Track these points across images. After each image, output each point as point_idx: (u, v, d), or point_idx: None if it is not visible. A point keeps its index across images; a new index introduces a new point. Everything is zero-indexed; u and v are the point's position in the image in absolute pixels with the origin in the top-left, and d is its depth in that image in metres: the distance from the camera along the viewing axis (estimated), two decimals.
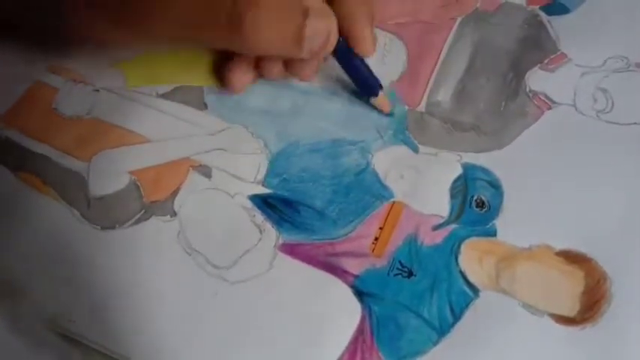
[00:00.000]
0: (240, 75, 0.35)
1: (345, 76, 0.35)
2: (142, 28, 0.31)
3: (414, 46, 0.38)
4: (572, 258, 0.31)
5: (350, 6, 0.32)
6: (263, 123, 0.35)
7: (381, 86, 0.35)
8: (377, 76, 0.35)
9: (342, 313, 0.30)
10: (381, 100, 0.35)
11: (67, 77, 0.37)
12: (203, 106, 0.36)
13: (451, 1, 0.39)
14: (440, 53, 0.37)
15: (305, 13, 0.30)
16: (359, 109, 0.36)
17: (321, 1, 0.31)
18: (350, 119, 0.35)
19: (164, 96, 0.36)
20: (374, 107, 0.35)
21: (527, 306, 0.30)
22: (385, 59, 0.37)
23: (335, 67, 0.35)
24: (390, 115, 0.35)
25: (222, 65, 0.36)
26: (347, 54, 0.34)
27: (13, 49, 0.38)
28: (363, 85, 0.35)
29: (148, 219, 0.32)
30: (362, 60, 0.34)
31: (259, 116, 0.36)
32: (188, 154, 0.34)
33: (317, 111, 0.36)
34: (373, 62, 0.35)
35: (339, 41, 0.32)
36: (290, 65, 0.35)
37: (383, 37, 0.38)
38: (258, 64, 0.35)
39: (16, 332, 0.30)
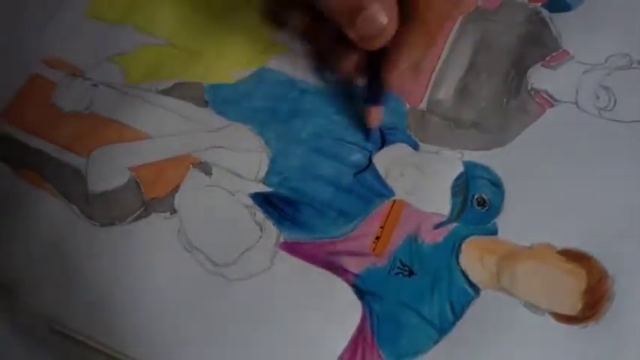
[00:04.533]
0: None
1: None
2: None
3: None
4: (573, 256, 0.31)
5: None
6: (264, 121, 0.35)
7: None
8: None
9: (342, 311, 0.30)
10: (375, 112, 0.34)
11: (65, 71, 0.37)
12: (204, 103, 0.36)
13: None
14: (441, 52, 0.37)
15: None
16: (360, 109, 0.35)
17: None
18: (351, 118, 0.35)
19: (164, 92, 0.36)
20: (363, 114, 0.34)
21: (528, 305, 0.30)
22: None
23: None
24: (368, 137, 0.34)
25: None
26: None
27: (8, 44, 0.37)
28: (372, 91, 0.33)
29: (147, 216, 0.32)
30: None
31: (260, 114, 0.35)
32: (188, 151, 0.34)
33: (318, 110, 0.36)
34: None
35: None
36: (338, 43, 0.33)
37: None
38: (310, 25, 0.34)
39: (16, 332, 0.30)
